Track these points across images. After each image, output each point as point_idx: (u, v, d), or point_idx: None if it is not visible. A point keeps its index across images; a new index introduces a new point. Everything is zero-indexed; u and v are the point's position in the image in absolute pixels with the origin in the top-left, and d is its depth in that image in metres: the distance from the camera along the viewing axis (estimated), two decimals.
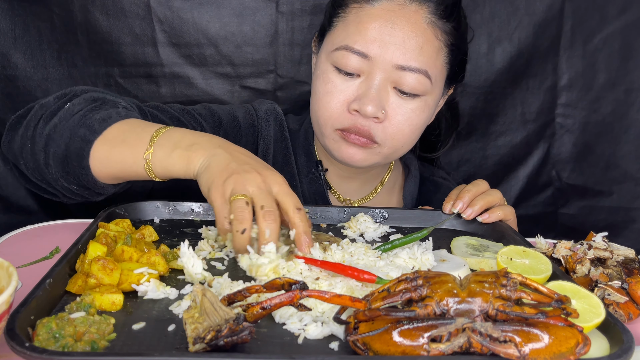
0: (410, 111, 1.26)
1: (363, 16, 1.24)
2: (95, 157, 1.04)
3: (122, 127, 1.06)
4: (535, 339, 0.69)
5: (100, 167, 1.05)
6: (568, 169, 1.92)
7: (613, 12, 1.81)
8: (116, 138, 1.04)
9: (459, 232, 1.20)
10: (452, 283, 0.76)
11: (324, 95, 1.27)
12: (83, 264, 0.90)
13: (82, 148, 1.04)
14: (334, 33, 1.29)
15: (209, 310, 0.73)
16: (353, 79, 1.25)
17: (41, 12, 1.60)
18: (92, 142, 1.03)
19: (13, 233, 1.16)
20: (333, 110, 1.26)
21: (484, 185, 1.25)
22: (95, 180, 1.06)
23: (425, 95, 1.26)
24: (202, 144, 1.00)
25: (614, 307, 0.91)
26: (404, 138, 1.29)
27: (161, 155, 1.01)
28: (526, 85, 1.87)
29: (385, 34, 1.21)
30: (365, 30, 1.22)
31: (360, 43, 1.22)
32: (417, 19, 1.23)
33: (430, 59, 1.24)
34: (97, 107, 1.09)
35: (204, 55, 1.71)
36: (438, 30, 1.25)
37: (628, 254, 1.04)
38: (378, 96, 1.22)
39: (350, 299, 0.76)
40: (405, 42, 1.21)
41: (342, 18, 1.28)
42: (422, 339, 0.70)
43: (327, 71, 1.27)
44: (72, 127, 1.05)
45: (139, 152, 1.02)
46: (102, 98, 1.12)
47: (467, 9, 1.77)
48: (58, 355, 0.68)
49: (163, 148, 1.01)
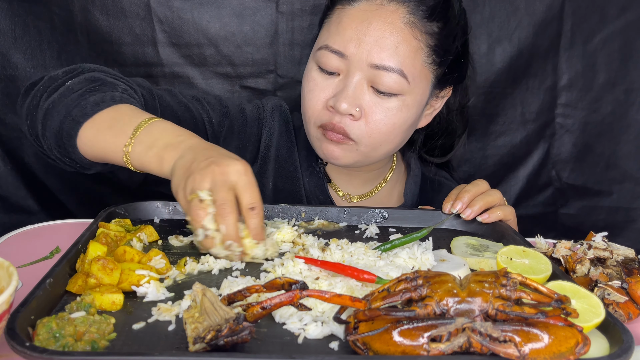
0: (387, 110, 1.26)
1: (343, 17, 1.27)
2: (82, 139, 1.09)
3: (111, 114, 1.09)
4: (535, 338, 0.69)
5: (86, 148, 1.09)
6: (568, 169, 1.92)
7: (613, 12, 1.81)
8: (103, 123, 1.08)
9: (459, 232, 1.20)
10: (452, 283, 0.76)
11: (307, 93, 1.31)
12: (83, 263, 0.90)
13: (72, 128, 1.08)
14: (320, 34, 1.33)
15: (209, 310, 0.73)
16: (333, 77, 1.28)
17: (41, 12, 1.60)
18: (82, 123, 1.08)
19: (13, 233, 1.16)
20: (314, 107, 1.30)
21: (483, 186, 1.25)
22: (83, 159, 1.11)
23: (403, 95, 1.26)
24: (175, 145, 1.02)
25: (613, 307, 0.91)
26: (381, 136, 1.29)
27: (139, 151, 1.04)
28: (526, 85, 1.87)
29: (361, 33, 1.24)
30: (343, 30, 1.25)
31: (338, 42, 1.25)
32: (394, 19, 1.24)
33: (407, 58, 1.24)
34: (95, 88, 1.12)
35: (204, 55, 1.71)
36: (417, 31, 1.25)
37: (628, 253, 1.04)
38: (353, 94, 1.24)
39: (350, 299, 0.76)
40: (380, 41, 1.23)
41: (328, 20, 1.32)
42: (422, 338, 0.70)
43: (311, 70, 1.31)
44: (68, 105, 1.09)
45: (120, 142, 1.05)
46: (102, 79, 1.15)
47: (467, 9, 1.78)
48: (58, 355, 0.68)
49: (142, 144, 1.04)
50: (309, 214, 1.23)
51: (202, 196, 0.92)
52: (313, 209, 1.24)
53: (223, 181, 0.94)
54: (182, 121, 1.31)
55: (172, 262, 0.99)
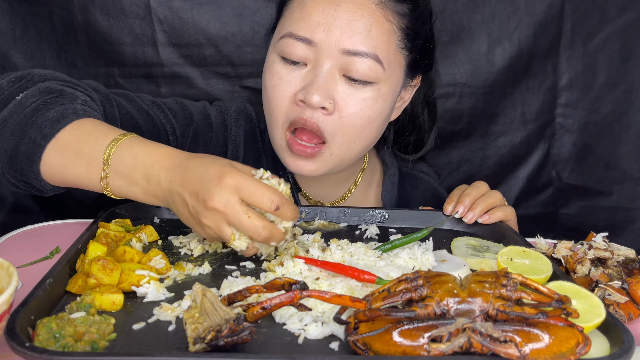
0: (362, 101, 1.16)
1: (307, 1, 1.17)
2: (47, 164, 0.97)
3: (75, 132, 0.98)
4: (535, 339, 0.69)
5: (52, 173, 0.99)
6: (568, 169, 1.92)
7: (613, 12, 1.81)
8: (69, 146, 0.97)
9: (459, 232, 1.20)
10: (453, 283, 0.76)
11: (272, 89, 1.19)
12: (83, 264, 0.90)
13: (33, 152, 0.97)
14: (280, 22, 1.22)
15: (209, 310, 0.73)
16: (299, 68, 1.17)
17: (41, 12, 1.60)
18: (44, 146, 0.96)
19: (13, 233, 1.16)
20: (281, 104, 1.18)
21: (483, 187, 1.24)
22: (45, 184, 1.01)
23: (378, 83, 1.17)
24: (155, 179, 0.94)
25: (614, 307, 0.91)
26: (355, 131, 1.19)
27: (120, 185, 0.96)
28: (526, 85, 1.87)
29: (329, 17, 1.13)
30: (308, 15, 1.15)
31: (303, 29, 1.14)
32: (364, 0, 1.15)
33: (381, 42, 1.15)
34: (52, 100, 1.01)
35: (204, 55, 1.71)
36: (388, 12, 1.17)
37: (628, 254, 1.04)
38: (325, 85, 1.14)
39: (351, 299, 0.76)
40: (351, 24, 1.13)
41: (288, 6, 1.21)
42: (423, 339, 0.70)
43: (274, 63, 1.19)
44: (23, 124, 0.97)
45: (93, 174, 0.96)
46: (59, 90, 1.04)
47: (467, 9, 1.79)
48: (58, 355, 0.68)
49: (119, 178, 0.95)
50: (309, 215, 1.23)
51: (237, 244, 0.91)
52: (313, 209, 1.24)
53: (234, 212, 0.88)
54: (144, 131, 1.22)
55: (172, 262, 0.99)
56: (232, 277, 0.94)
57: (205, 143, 1.35)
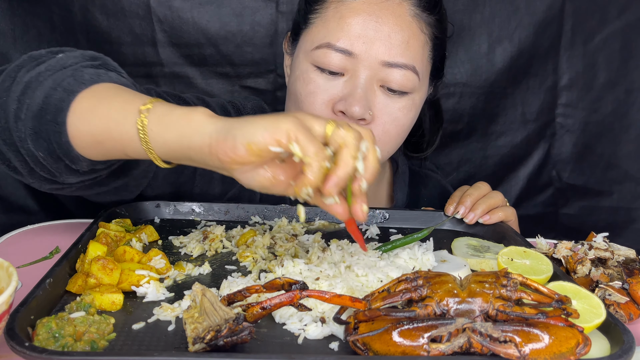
0: (398, 110, 1.19)
1: (344, 11, 1.16)
2: (76, 111, 0.85)
3: (116, 86, 0.89)
4: (535, 339, 0.69)
5: (79, 124, 0.85)
6: (568, 169, 1.92)
7: (613, 12, 1.81)
8: (106, 92, 0.87)
9: (459, 232, 1.20)
10: (453, 283, 0.76)
11: (307, 96, 1.18)
12: (83, 263, 0.90)
13: (63, 99, 0.85)
14: (312, 31, 1.21)
15: (208, 310, 0.73)
16: (337, 78, 1.17)
17: (41, 12, 1.60)
18: (77, 92, 0.85)
19: (13, 233, 1.16)
20: (317, 111, 1.17)
21: (485, 188, 1.24)
22: (69, 145, 0.86)
23: (412, 93, 1.20)
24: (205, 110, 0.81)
25: (614, 308, 0.90)
26: (390, 140, 1.21)
27: (161, 110, 0.81)
28: (526, 85, 1.87)
29: (369, 29, 1.14)
30: (347, 25, 1.15)
31: (343, 40, 1.15)
32: (402, 12, 1.17)
33: (417, 53, 1.18)
34: (94, 65, 0.93)
35: (204, 55, 1.71)
36: (423, 23, 1.19)
37: (629, 254, 1.04)
38: (365, 96, 1.15)
39: (350, 299, 0.76)
40: (391, 36, 1.15)
41: (319, 14, 1.20)
42: (422, 339, 0.70)
43: (308, 71, 1.18)
44: (58, 77, 0.87)
45: (133, 106, 0.82)
46: (103, 58, 0.97)
47: (467, 9, 1.78)
48: (58, 355, 0.68)
49: (164, 105, 0.82)
50: (310, 214, 1.23)
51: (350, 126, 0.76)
52: (313, 209, 1.23)
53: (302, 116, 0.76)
54: None
55: (172, 262, 0.99)
56: (232, 277, 0.94)
57: None
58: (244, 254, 1.02)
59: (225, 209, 1.22)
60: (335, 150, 0.76)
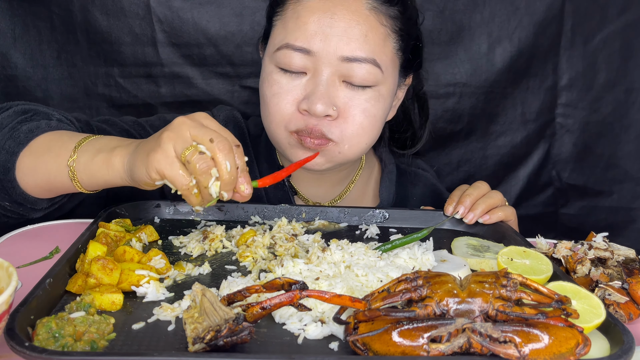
0: (365, 101, 1.18)
1: (300, 11, 1.17)
2: (21, 169, 1.01)
3: (48, 137, 1.03)
4: (535, 339, 0.69)
5: (26, 178, 1.02)
6: (568, 169, 1.92)
7: (613, 12, 1.81)
8: (41, 148, 1.02)
9: (459, 232, 1.20)
10: (452, 283, 0.76)
11: (271, 98, 1.20)
12: (83, 263, 0.90)
13: (8, 160, 1.01)
14: (273, 33, 1.23)
15: (208, 310, 0.73)
16: (299, 77, 1.18)
17: (41, 12, 1.60)
18: (18, 153, 1.01)
19: (13, 233, 1.15)
20: (283, 111, 1.19)
21: (484, 188, 1.24)
22: (25, 194, 1.04)
23: (377, 86, 1.19)
24: (125, 145, 0.95)
25: (614, 308, 0.90)
26: (364, 132, 1.21)
27: (85, 160, 0.97)
28: (526, 85, 1.87)
29: (325, 26, 1.15)
30: (304, 24, 1.16)
31: (300, 39, 1.15)
32: (358, 7, 1.17)
33: (377, 46, 1.17)
34: (27, 118, 1.06)
35: (204, 55, 1.71)
36: (382, 16, 1.18)
37: (628, 254, 1.04)
38: (327, 93, 1.15)
39: (350, 299, 0.76)
40: (348, 31, 1.15)
41: (280, 17, 1.22)
42: (422, 339, 0.70)
43: (272, 73, 1.20)
44: (0, 140, 1.03)
45: (62, 160, 0.98)
46: (34, 109, 1.09)
47: (467, 9, 1.78)
48: (58, 354, 0.68)
49: (86, 153, 0.97)
50: (310, 215, 1.23)
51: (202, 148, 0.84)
52: (313, 209, 1.24)
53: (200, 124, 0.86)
54: None
55: (172, 262, 0.99)
56: (232, 277, 0.94)
57: None
58: (244, 254, 1.02)
59: (225, 208, 1.22)
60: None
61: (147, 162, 0.86)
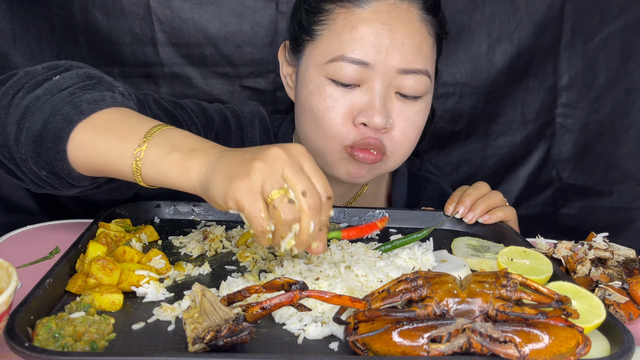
0: (414, 114, 1.20)
1: (355, 21, 1.15)
2: (76, 142, 0.89)
3: (114, 115, 0.91)
4: (535, 339, 0.69)
5: (79, 154, 0.89)
6: (568, 169, 1.92)
7: (613, 12, 1.81)
8: (105, 124, 0.89)
9: (459, 232, 1.20)
10: (452, 283, 0.76)
11: (325, 112, 1.17)
12: (83, 264, 0.90)
13: (62, 129, 0.89)
14: (321, 43, 1.19)
15: (208, 311, 0.73)
16: (352, 90, 1.16)
17: (41, 12, 1.60)
18: (76, 123, 0.89)
19: (13, 233, 1.16)
20: (339, 125, 1.17)
21: (484, 188, 1.24)
22: (70, 169, 0.91)
23: (425, 95, 1.22)
24: (204, 149, 0.84)
25: (614, 308, 0.91)
26: (410, 144, 1.23)
27: (155, 154, 0.85)
28: (526, 85, 1.87)
29: (383, 38, 1.14)
30: (361, 36, 1.14)
31: (358, 51, 1.14)
32: (411, 17, 1.17)
33: (428, 57, 1.20)
34: (90, 85, 0.94)
35: (204, 55, 1.71)
36: (430, 26, 1.20)
37: (629, 254, 1.04)
38: (384, 105, 1.15)
39: (350, 299, 0.76)
40: (405, 43, 1.15)
41: (327, 25, 1.18)
42: (422, 339, 0.70)
43: (323, 85, 1.17)
44: (57, 102, 0.90)
45: (129, 146, 0.86)
46: (98, 77, 0.98)
47: (467, 9, 1.78)
48: (58, 355, 0.68)
49: (159, 147, 0.85)
50: None
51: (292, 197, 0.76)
52: None
53: (297, 166, 0.78)
54: None
55: (172, 262, 0.99)
56: (232, 277, 0.94)
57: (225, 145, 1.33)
58: (244, 254, 1.02)
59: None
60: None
61: (228, 186, 0.76)
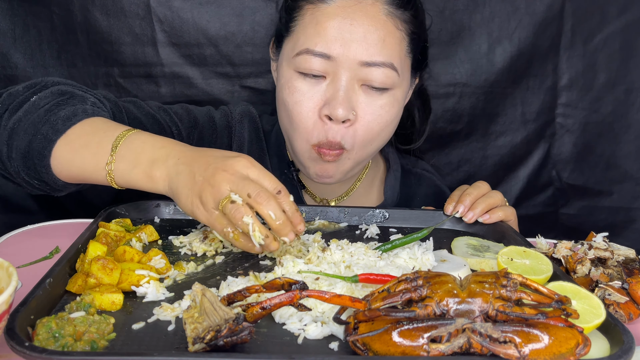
0: (380, 108, 1.22)
1: (319, 16, 1.21)
2: (57, 158, 1.03)
3: (85, 128, 1.04)
4: (535, 339, 0.69)
5: (61, 168, 1.04)
6: (568, 169, 1.92)
7: (613, 12, 1.81)
8: (78, 140, 1.03)
9: (459, 232, 1.20)
10: (452, 283, 0.76)
11: (294, 105, 1.22)
12: (83, 263, 0.90)
13: (44, 147, 1.02)
14: (292, 38, 1.25)
15: (208, 310, 0.73)
16: (319, 82, 1.21)
17: (41, 12, 1.60)
18: (54, 141, 1.02)
19: (13, 233, 1.16)
20: (306, 121, 1.22)
21: (484, 188, 1.25)
22: (56, 179, 1.06)
23: (393, 89, 1.23)
24: (162, 159, 0.98)
25: (614, 308, 0.91)
26: (373, 138, 1.25)
27: (122, 169, 1.00)
28: (526, 85, 1.87)
29: (345, 32, 1.18)
30: (324, 30, 1.19)
31: (320, 44, 1.19)
32: (375, 12, 1.20)
33: (394, 51, 1.21)
34: (63, 101, 1.07)
35: (204, 55, 1.71)
36: (398, 21, 1.22)
37: (628, 254, 1.04)
38: (347, 97, 1.19)
39: (350, 299, 0.76)
40: (367, 37, 1.18)
41: (298, 22, 1.24)
42: (422, 339, 0.70)
43: (292, 79, 1.23)
44: (36, 123, 1.04)
45: (100, 161, 1.01)
46: (70, 92, 1.10)
47: (467, 9, 1.78)
48: (58, 354, 0.68)
49: (124, 161, 0.99)
50: (310, 214, 1.23)
51: (234, 198, 0.90)
52: (313, 209, 1.24)
53: (240, 177, 0.91)
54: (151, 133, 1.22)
55: (172, 262, 0.99)
56: (232, 277, 0.94)
57: (210, 144, 1.39)
58: None
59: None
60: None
61: (190, 207, 0.95)
